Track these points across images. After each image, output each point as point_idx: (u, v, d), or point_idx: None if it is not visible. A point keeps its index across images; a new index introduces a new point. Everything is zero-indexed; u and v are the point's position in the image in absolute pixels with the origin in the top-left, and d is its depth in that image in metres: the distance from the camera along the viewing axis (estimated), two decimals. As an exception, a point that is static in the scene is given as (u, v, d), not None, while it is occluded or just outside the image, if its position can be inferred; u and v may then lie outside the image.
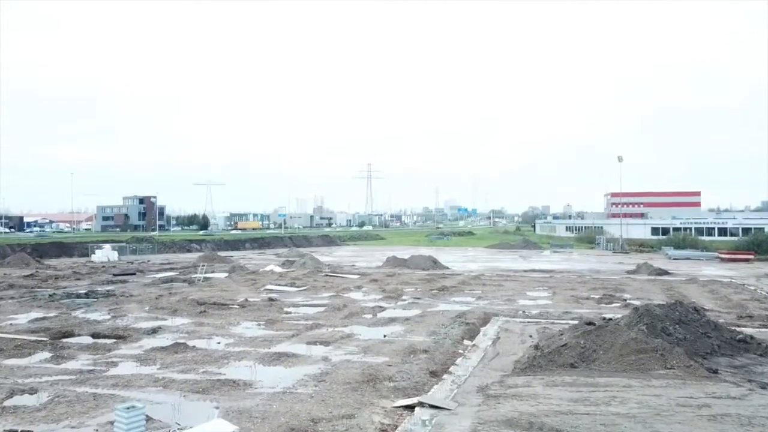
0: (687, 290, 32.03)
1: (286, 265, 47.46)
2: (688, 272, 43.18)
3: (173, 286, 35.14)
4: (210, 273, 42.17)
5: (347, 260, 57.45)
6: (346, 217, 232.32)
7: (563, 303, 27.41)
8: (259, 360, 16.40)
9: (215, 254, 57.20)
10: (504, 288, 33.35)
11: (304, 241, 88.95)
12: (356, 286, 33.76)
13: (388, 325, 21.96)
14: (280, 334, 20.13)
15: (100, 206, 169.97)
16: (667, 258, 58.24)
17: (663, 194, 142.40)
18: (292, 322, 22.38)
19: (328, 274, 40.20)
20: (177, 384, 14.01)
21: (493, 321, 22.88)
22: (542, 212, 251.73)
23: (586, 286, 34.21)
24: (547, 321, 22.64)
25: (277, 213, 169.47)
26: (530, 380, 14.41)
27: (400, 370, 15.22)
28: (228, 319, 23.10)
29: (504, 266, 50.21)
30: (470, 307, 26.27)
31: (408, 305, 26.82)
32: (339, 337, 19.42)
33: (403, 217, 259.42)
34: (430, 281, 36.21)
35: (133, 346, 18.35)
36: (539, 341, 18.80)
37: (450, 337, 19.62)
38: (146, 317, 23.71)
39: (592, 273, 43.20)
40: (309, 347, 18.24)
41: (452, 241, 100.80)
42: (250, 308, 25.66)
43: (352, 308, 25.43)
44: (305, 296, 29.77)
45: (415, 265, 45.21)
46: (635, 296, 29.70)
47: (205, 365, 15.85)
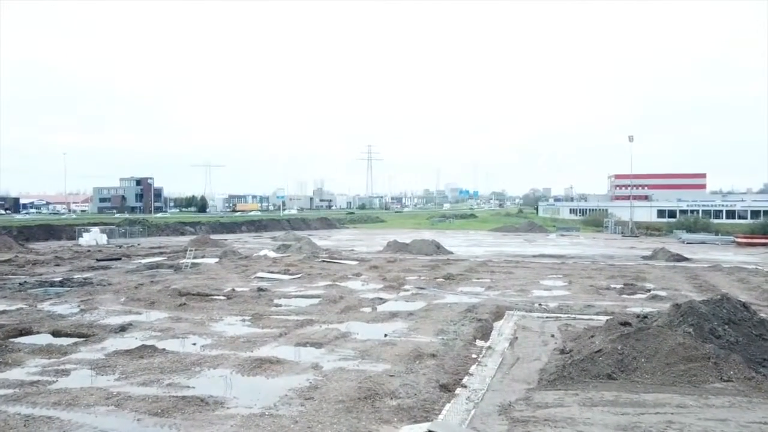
0: (713, 279, 29.50)
1: (281, 249, 44.94)
2: (707, 258, 40.66)
3: (158, 273, 32.66)
4: (200, 258, 39.67)
5: (346, 244, 54.94)
6: (346, 200, 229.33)
7: (582, 294, 24.89)
8: (238, 368, 13.88)
9: (207, 238, 54.68)
10: (515, 276, 30.82)
11: (302, 224, 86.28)
12: (354, 273, 31.23)
13: (390, 321, 19.44)
14: (266, 332, 17.62)
15: (96, 188, 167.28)
16: (680, 242, 55.69)
17: (668, 176, 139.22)
18: (281, 317, 19.86)
19: (324, 260, 37.70)
20: (133, 402, 11.49)
21: (508, 316, 20.36)
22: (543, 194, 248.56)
23: (603, 273, 31.67)
24: (568, 317, 20.13)
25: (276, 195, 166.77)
26: (562, 397, 11.89)
27: (404, 382, 12.70)
28: (210, 314, 20.59)
29: (511, 251, 47.69)
30: (480, 298, 23.75)
31: (411, 296, 24.31)
32: (333, 337, 16.90)
33: (403, 199, 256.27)
34: (434, 268, 33.68)
35: (95, 348, 15.85)
36: (564, 343, 16.28)
37: (460, 336, 17.10)
38: (119, 311, 21.21)
39: (605, 259, 40.67)
40: (298, 350, 15.73)
41: (454, 224, 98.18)
42: (237, 300, 23.14)
43: (350, 300, 22.91)
44: (298, 285, 27.25)
45: (418, 250, 42.69)
46: (659, 286, 27.18)
47: (172, 375, 13.34)
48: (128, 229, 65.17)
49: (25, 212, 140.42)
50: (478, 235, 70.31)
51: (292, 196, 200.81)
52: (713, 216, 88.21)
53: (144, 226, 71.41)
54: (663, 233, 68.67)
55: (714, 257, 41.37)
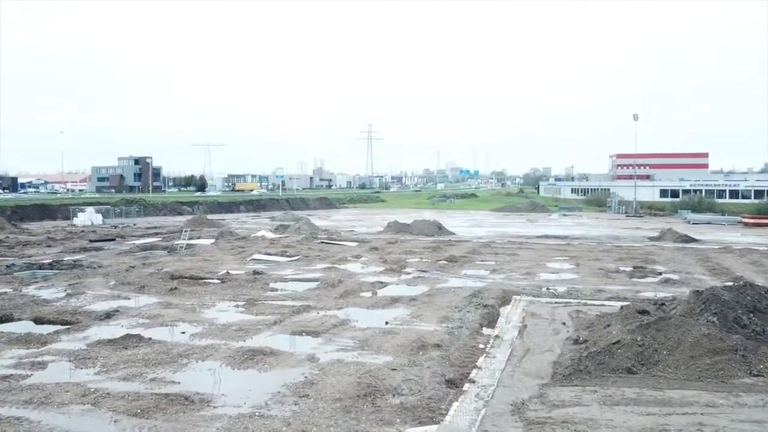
0: (725, 261, 28.49)
1: (279, 230, 43.89)
2: (716, 239, 39.62)
3: (151, 254, 31.66)
4: (196, 239, 38.63)
5: (346, 225, 53.90)
6: (346, 179, 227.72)
7: (591, 278, 23.89)
8: (228, 360, 12.90)
9: (204, 218, 53.58)
10: (519, 258, 29.81)
11: (302, 204, 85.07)
12: (354, 255, 30.22)
13: (391, 306, 18.46)
14: (260, 320, 16.64)
15: (94, 167, 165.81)
16: (686, 222, 54.60)
17: (669, 155, 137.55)
18: (277, 303, 18.86)
19: (323, 241, 36.66)
20: (111, 400, 10.52)
21: (515, 302, 19.37)
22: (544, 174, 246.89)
23: (611, 255, 30.66)
24: (578, 302, 19.12)
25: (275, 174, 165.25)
26: (580, 394, 10.92)
27: (407, 377, 11.72)
28: (202, 299, 19.60)
29: (513, 231, 46.66)
30: (485, 282, 22.74)
31: (413, 280, 23.31)
32: (331, 325, 15.92)
33: (404, 179, 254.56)
34: (436, 249, 32.65)
35: (77, 338, 14.87)
36: (577, 332, 15.30)
37: (466, 324, 16.11)
38: (107, 296, 20.21)
39: (611, 240, 39.63)
40: (293, 340, 14.75)
41: (456, 204, 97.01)
42: (231, 284, 22.15)
43: (349, 284, 21.91)
44: (296, 268, 26.25)
45: (419, 231, 41.62)
46: (670, 268, 26.17)
47: (157, 368, 12.36)
48: (124, 209, 64.03)
49: (23, 191, 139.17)
50: (480, 215, 69.25)
51: (292, 175, 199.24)
52: (716, 196, 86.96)
53: (141, 206, 70.29)
54: (667, 213, 67.54)
55: (722, 238, 40.34)
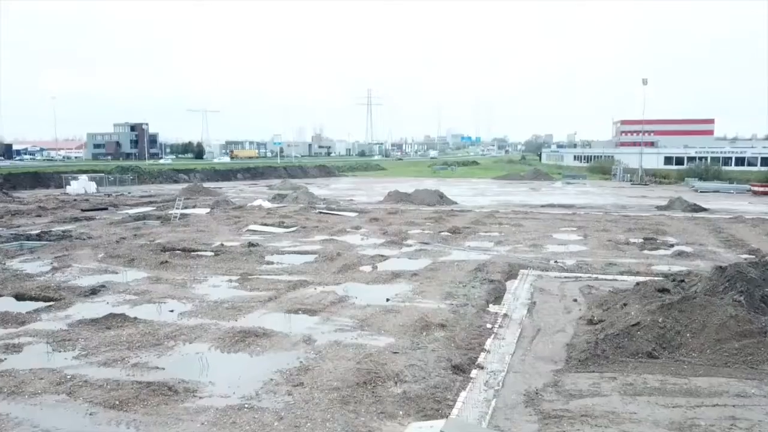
0: (738, 232, 27.50)
1: (276, 199, 42.84)
2: (726, 208, 38.60)
3: (144, 225, 30.71)
4: (191, 208, 37.65)
5: (345, 194, 52.82)
6: (345, 146, 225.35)
7: (601, 250, 22.95)
8: (218, 342, 12.01)
9: (200, 186, 52.43)
10: (524, 229, 28.83)
11: (300, 172, 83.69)
12: (353, 226, 29.23)
13: (392, 281, 17.54)
14: (254, 296, 15.73)
15: (90, 134, 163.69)
16: (694, 191, 53.50)
17: (674, 122, 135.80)
18: (272, 277, 17.94)
19: (322, 211, 35.63)
20: (88, 390, 9.64)
21: (522, 276, 18.45)
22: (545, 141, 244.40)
23: (619, 226, 29.68)
24: (589, 276, 18.21)
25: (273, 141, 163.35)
26: (598, 382, 10.04)
27: (409, 361, 10.83)
28: (193, 273, 18.68)
29: (517, 200, 45.61)
30: (489, 255, 21.80)
31: (414, 253, 22.36)
32: (329, 302, 15.01)
33: (404, 146, 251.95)
34: (438, 220, 31.66)
35: (58, 316, 13.97)
36: (591, 310, 14.40)
37: (471, 301, 15.22)
38: (94, 269, 19.28)
39: (618, 209, 38.62)
40: (288, 318, 13.85)
41: (457, 172, 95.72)
42: (225, 256, 21.20)
43: (348, 257, 20.97)
44: (293, 240, 25.29)
45: (420, 201, 40.56)
46: (682, 240, 25.21)
47: (140, 351, 11.48)
48: (119, 177, 62.83)
49: (18, 158, 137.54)
50: (482, 184, 68.12)
51: (291, 142, 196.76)
52: (722, 163, 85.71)
53: (136, 174, 69.09)
54: (673, 181, 66.39)
55: (733, 207, 39.32)
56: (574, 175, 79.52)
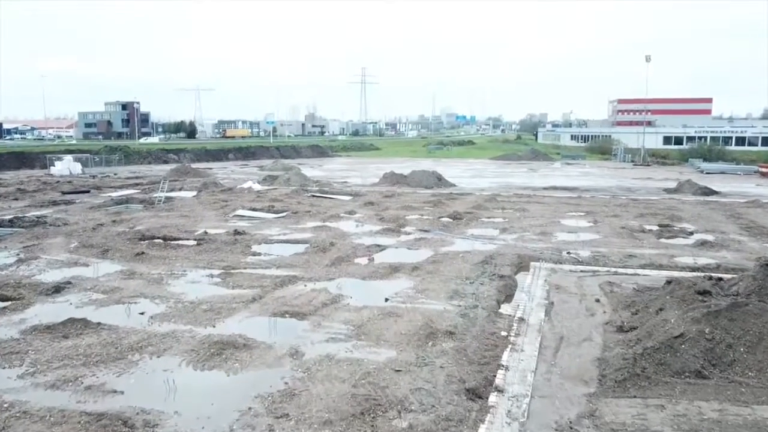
0: (759, 218, 25.87)
1: (267, 180, 40.92)
2: (738, 191, 36.96)
3: (126, 209, 28.86)
4: (177, 191, 35.78)
5: (339, 175, 50.92)
6: (339, 125, 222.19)
7: (615, 238, 21.27)
8: (190, 356, 10.28)
9: (189, 167, 50.34)
10: (530, 214, 27.12)
11: (293, 152, 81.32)
12: (348, 211, 27.44)
13: (391, 277, 15.82)
14: (236, 295, 13.98)
15: (81, 113, 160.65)
16: (699, 172, 51.82)
17: (672, 101, 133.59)
18: (258, 271, 16.19)
19: (314, 194, 33.78)
20: (25, 423, 7.92)
21: (534, 270, 16.77)
22: (540, 120, 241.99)
23: (629, 211, 28.01)
24: (607, 271, 16.53)
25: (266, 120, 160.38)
26: (643, 411, 8.37)
27: (415, 382, 9.15)
28: (171, 266, 16.92)
29: (518, 182, 43.86)
30: (496, 245, 20.09)
31: (414, 242, 20.62)
32: (320, 303, 13.28)
33: (398, 125, 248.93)
34: (438, 204, 29.91)
35: (12, 321, 12.20)
36: (617, 313, 12.74)
37: (481, 301, 13.53)
38: (63, 262, 17.49)
39: (624, 192, 36.95)
40: (273, 324, 12.13)
41: (453, 152, 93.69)
42: (207, 246, 19.42)
43: (342, 247, 19.22)
44: (283, 227, 23.50)
45: (417, 183, 38.75)
46: (700, 227, 23.57)
47: (98, 368, 9.75)
48: (105, 157, 60.57)
49: (8, 138, 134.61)
50: (480, 164, 66.24)
51: (284, 121, 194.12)
52: (722, 142, 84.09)
53: (124, 154, 66.80)
54: (676, 162, 64.67)
55: (744, 190, 37.69)
56: (573, 155, 77.73)
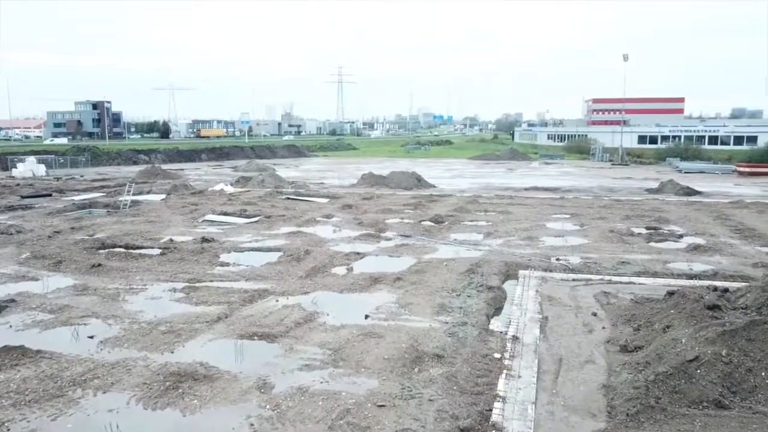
0: (746, 219, 25.20)
1: (240, 182, 39.41)
2: (720, 191, 36.44)
3: (89, 214, 27.24)
4: (145, 194, 34.13)
5: (315, 175, 49.54)
6: (316, 125, 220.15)
7: (604, 243, 20.33)
8: (141, 390, 8.95)
9: (158, 168, 48.50)
10: (513, 217, 26.12)
11: (268, 152, 79.52)
12: (324, 215, 26.16)
13: (371, 289, 14.60)
14: (200, 313, 12.64)
15: (50, 112, 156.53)
16: (678, 171, 51.50)
17: (645, 100, 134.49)
18: (225, 285, 14.85)
19: (289, 196, 32.40)
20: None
21: (523, 279, 15.70)
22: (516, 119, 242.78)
23: (615, 212, 27.17)
24: (601, 279, 15.52)
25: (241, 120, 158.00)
26: (662, 453, 7.27)
27: (401, 421, 7.95)
28: (131, 279, 15.49)
29: (498, 183, 42.97)
30: (481, 251, 19.00)
31: (395, 249, 19.43)
32: (293, 323, 12.01)
33: (375, 125, 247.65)
34: (418, 206, 28.79)
35: (-61, 349, 10.73)
36: (617, 328, 11.69)
37: (470, 316, 12.40)
38: (10, 276, 15.95)
39: (606, 192, 36.23)
40: (240, 348, 10.83)
41: (431, 152, 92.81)
42: (172, 256, 18.00)
43: (318, 256, 17.95)
44: (255, 233, 22.12)
45: (397, 184, 37.60)
46: (689, 230, 22.77)
47: (31, 410, 8.37)
48: (71, 159, 58.33)
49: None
50: (459, 164, 65.33)
51: (260, 120, 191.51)
52: (695, 141, 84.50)
53: (92, 155, 64.51)
54: (654, 161, 64.46)
55: (725, 190, 37.22)
56: (551, 155, 77.42)
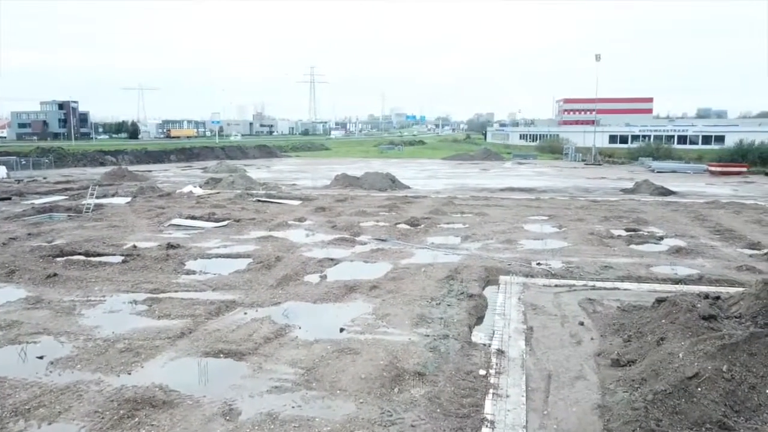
0: (723, 219, 25.04)
1: (209, 184, 38.26)
2: (694, 191, 36.48)
3: (50, 218, 25.96)
4: (110, 197, 32.84)
5: (288, 176, 48.52)
6: (288, 125, 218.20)
7: (584, 245, 19.85)
8: (92, 420, 8.04)
9: (125, 170, 46.91)
10: (491, 218, 25.58)
11: (239, 153, 77.96)
12: (297, 218, 25.28)
13: (346, 299, 13.83)
14: (162, 328, 11.73)
15: (14, 112, 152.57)
16: (650, 171, 51.73)
17: (615, 100, 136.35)
18: (190, 295, 13.93)
19: (260, 199, 31.40)
20: None
21: (505, 285, 15.08)
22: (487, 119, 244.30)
23: (592, 213, 26.82)
24: (585, 285, 14.97)
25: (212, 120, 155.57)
26: (668, 484, 6.65)
27: (381, 452, 7.22)
28: (89, 290, 14.48)
29: (473, 183, 42.50)
30: (459, 255, 18.36)
31: (371, 254, 18.67)
32: (263, 338, 11.17)
33: (348, 125, 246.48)
34: (393, 208, 28.09)
35: None
36: (606, 339, 11.13)
37: (451, 327, 11.72)
38: (-44, 287, 14.81)
39: (582, 193, 35.99)
40: (204, 368, 9.96)
41: (405, 152, 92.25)
42: (135, 264, 16.99)
43: (290, 262, 17.11)
44: (223, 237, 21.17)
45: (371, 185, 36.84)
46: (668, 231, 22.46)
47: (-35, 445, 7.44)
48: (33, 160, 56.30)
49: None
50: (433, 165, 64.82)
51: (231, 121, 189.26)
52: (664, 141, 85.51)
53: (57, 156, 62.43)
54: (626, 161, 64.80)
55: (699, 189, 37.30)
56: (525, 154, 77.54)
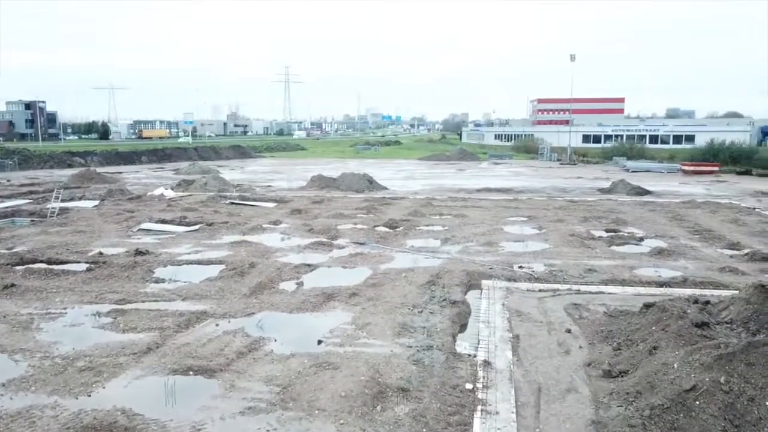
0: (700, 219, 25.00)
1: (181, 186, 37.28)
2: (669, 190, 36.60)
3: (12, 223, 24.86)
4: (77, 200, 31.74)
5: (262, 177, 47.62)
6: (263, 125, 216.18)
7: (565, 247, 19.52)
8: (46, 450, 7.36)
9: (94, 172, 45.52)
10: (470, 220, 25.17)
11: (212, 153, 76.49)
12: (272, 221, 24.56)
13: (324, 308, 13.23)
14: (128, 342, 11.01)
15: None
16: (625, 170, 51.98)
17: (587, 100, 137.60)
18: (158, 306, 13.19)
19: (234, 201, 30.57)
20: None
21: (487, 290, 14.62)
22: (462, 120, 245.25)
23: (571, 214, 26.58)
24: (569, 290, 14.57)
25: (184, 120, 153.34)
26: None
27: (364, 480, 6.65)
28: (48, 302, 13.64)
29: (450, 184, 42.14)
30: (440, 259, 17.88)
31: (349, 259, 18.07)
32: (236, 352, 10.53)
33: (324, 125, 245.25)
34: (371, 210, 27.53)
35: None
36: (595, 347, 10.72)
37: (434, 337, 11.21)
38: None
39: (559, 193, 35.85)
40: (171, 388, 9.28)
41: (381, 153, 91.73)
42: (100, 272, 16.15)
43: (264, 269, 16.43)
44: (195, 243, 20.38)
45: (348, 186, 36.22)
46: (647, 231, 22.30)
47: None
48: None
49: None
50: (409, 165, 64.37)
51: (204, 121, 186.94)
52: (636, 140, 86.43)
53: (22, 157, 60.55)
54: (600, 160, 65.17)
55: (674, 189, 37.43)
56: (500, 154, 77.58)
